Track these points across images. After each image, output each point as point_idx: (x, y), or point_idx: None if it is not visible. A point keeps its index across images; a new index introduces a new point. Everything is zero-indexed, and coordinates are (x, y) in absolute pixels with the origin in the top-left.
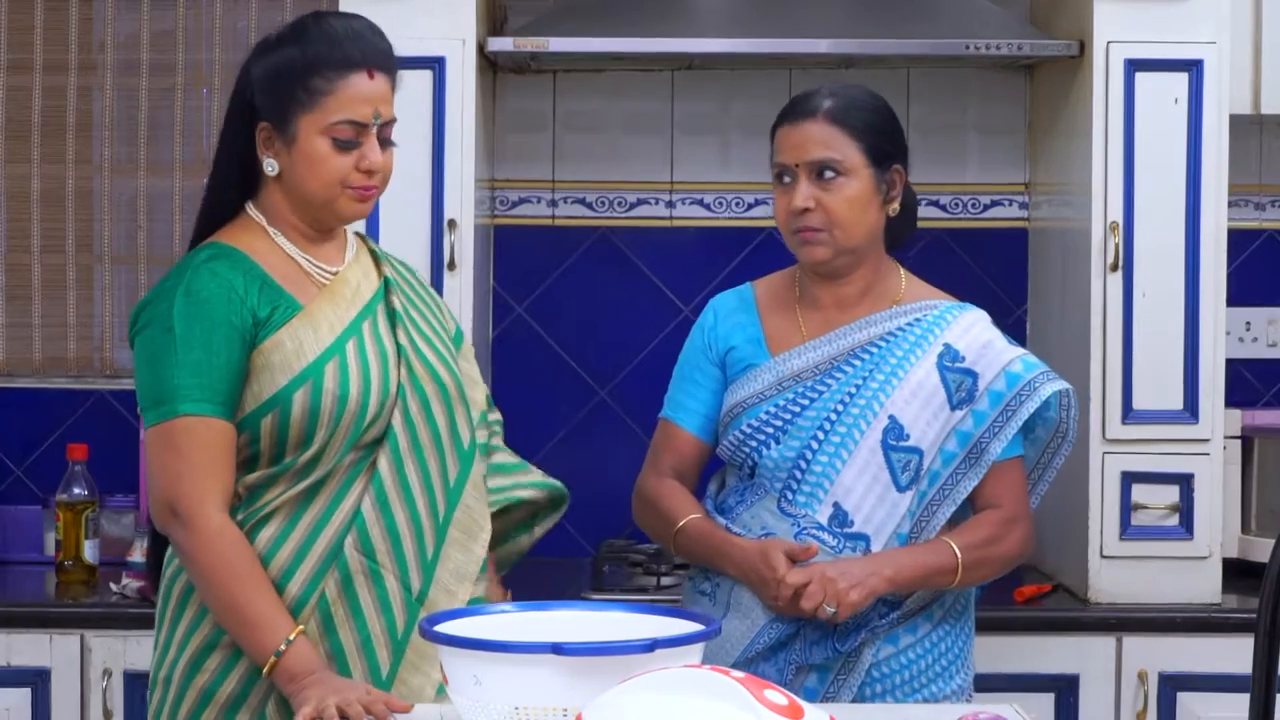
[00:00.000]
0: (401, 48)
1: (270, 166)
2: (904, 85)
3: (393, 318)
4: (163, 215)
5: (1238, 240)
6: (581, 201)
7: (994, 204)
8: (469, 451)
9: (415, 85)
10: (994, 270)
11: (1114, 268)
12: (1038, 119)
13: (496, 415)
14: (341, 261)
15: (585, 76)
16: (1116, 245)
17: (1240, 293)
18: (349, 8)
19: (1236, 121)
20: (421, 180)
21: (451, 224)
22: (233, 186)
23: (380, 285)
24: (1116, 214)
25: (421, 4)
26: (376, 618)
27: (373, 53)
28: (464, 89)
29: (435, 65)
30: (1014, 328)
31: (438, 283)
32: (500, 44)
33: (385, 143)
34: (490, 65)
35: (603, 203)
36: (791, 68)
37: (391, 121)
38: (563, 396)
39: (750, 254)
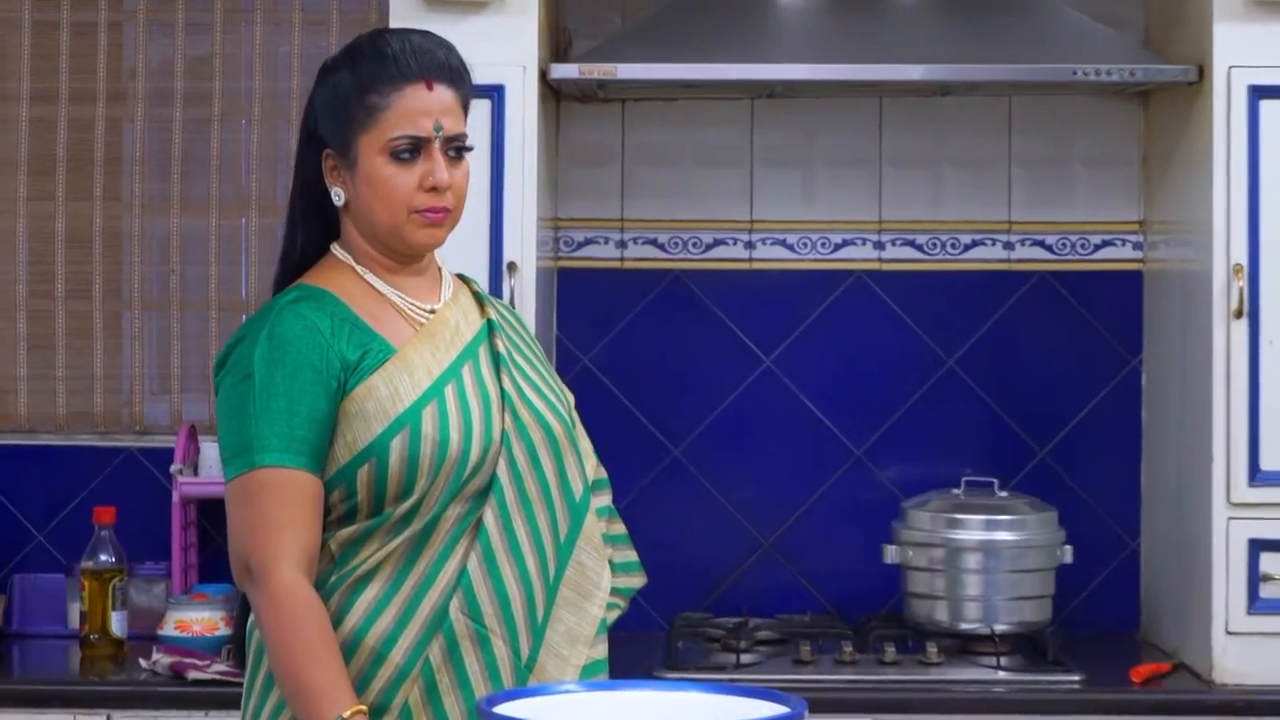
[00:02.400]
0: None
1: (337, 196)
2: (1005, 115)
3: (496, 361)
4: (197, 258)
5: None
6: (653, 242)
7: (1105, 244)
8: (581, 504)
9: (472, 116)
10: (1105, 317)
11: (1238, 314)
12: (1153, 151)
13: (604, 473)
14: (438, 300)
15: (657, 105)
16: (1240, 289)
17: None
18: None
19: None
20: (479, 219)
21: (511, 267)
22: (310, 225)
23: (483, 327)
24: (1240, 255)
25: (478, 27)
26: (484, 685)
27: (431, 64)
28: (525, 120)
29: (494, 94)
30: (1128, 380)
31: None
32: (564, 71)
33: (456, 159)
34: (553, 94)
35: (676, 243)
36: (882, 95)
37: (460, 136)
38: (633, 455)
39: (839, 299)
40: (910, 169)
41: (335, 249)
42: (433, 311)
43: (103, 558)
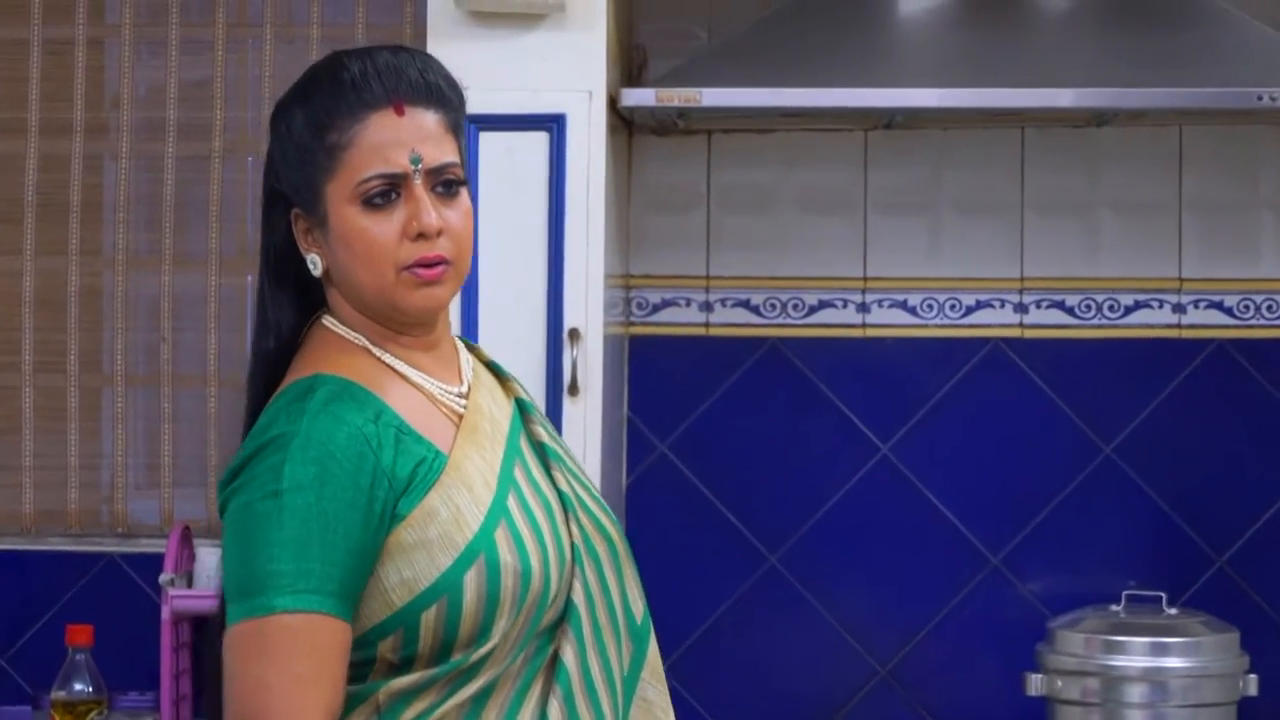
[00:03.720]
0: (506, 103)
1: (312, 264)
2: (1175, 148)
3: (543, 455)
4: (193, 323)
5: None
6: (745, 304)
7: None
8: (644, 628)
9: (527, 151)
10: None
11: None
12: None
13: None
14: (459, 379)
15: (749, 139)
16: None
17: None
18: (437, 53)
19: None
20: (534, 276)
21: (573, 334)
22: (282, 300)
23: (515, 412)
24: None
25: (534, 45)
26: None
27: (400, 84)
28: (590, 156)
29: (553, 125)
30: None
31: (555, 412)
32: (638, 97)
33: (447, 196)
34: (625, 124)
35: (773, 305)
36: (1024, 126)
37: (447, 166)
38: (720, 562)
39: (971, 373)
40: (1059, 215)
41: (329, 322)
42: (463, 396)
43: (78, 686)
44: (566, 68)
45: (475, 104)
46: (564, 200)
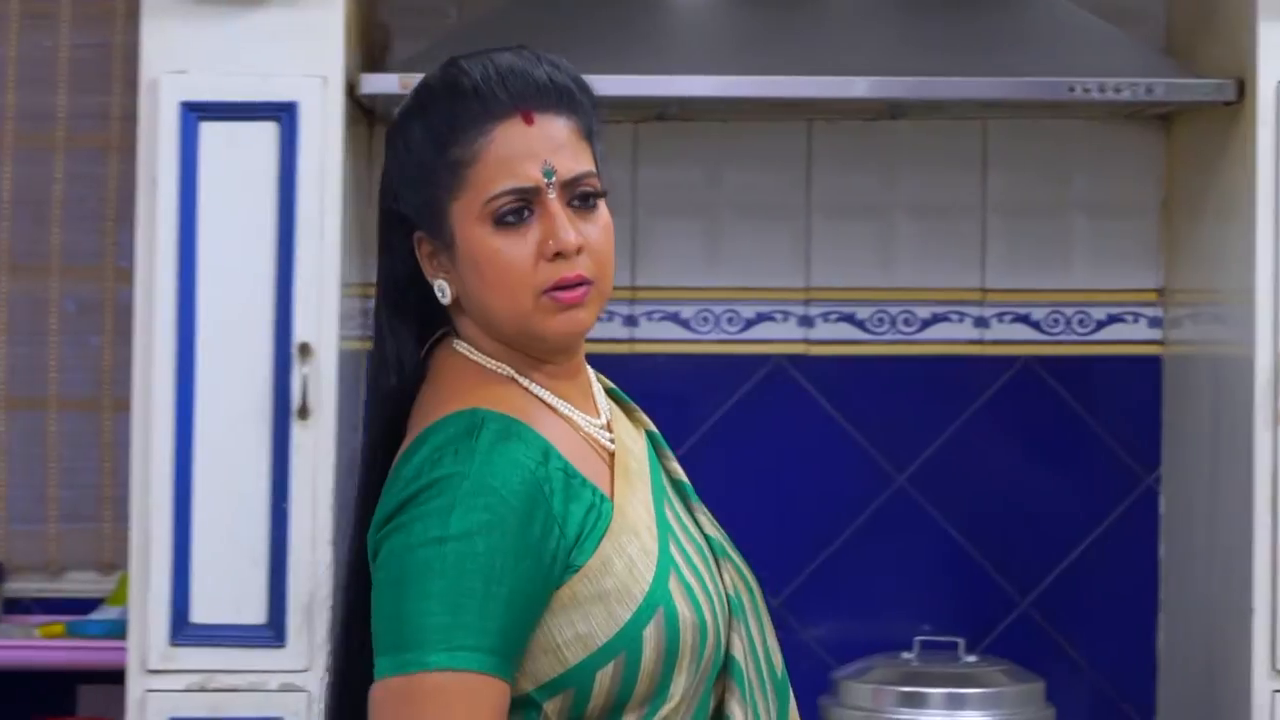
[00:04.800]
0: (231, 89)
1: (440, 291)
2: (979, 144)
3: (682, 494)
4: None
5: None
6: None
7: (1112, 320)
8: (784, 681)
9: (253, 143)
10: (1112, 418)
11: None
12: (1177, 194)
13: None
14: (595, 410)
15: None
16: None
17: None
18: (153, 33)
19: None
20: (261, 284)
21: (304, 349)
22: (401, 331)
23: (647, 445)
24: None
25: (260, 25)
26: None
27: (527, 88)
28: (325, 149)
29: (283, 114)
30: (1141, 503)
31: (281, 437)
32: (379, 83)
33: (585, 209)
34: (365, 114)
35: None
36: (812, 118)
37: (584, 176)
38: None
39: (750, 394)
40: (849, 219)
41: (463, 349)
42: (606, 429)
43: None
44: (298, 50)
45: (195, 90)
46: (295, 199)
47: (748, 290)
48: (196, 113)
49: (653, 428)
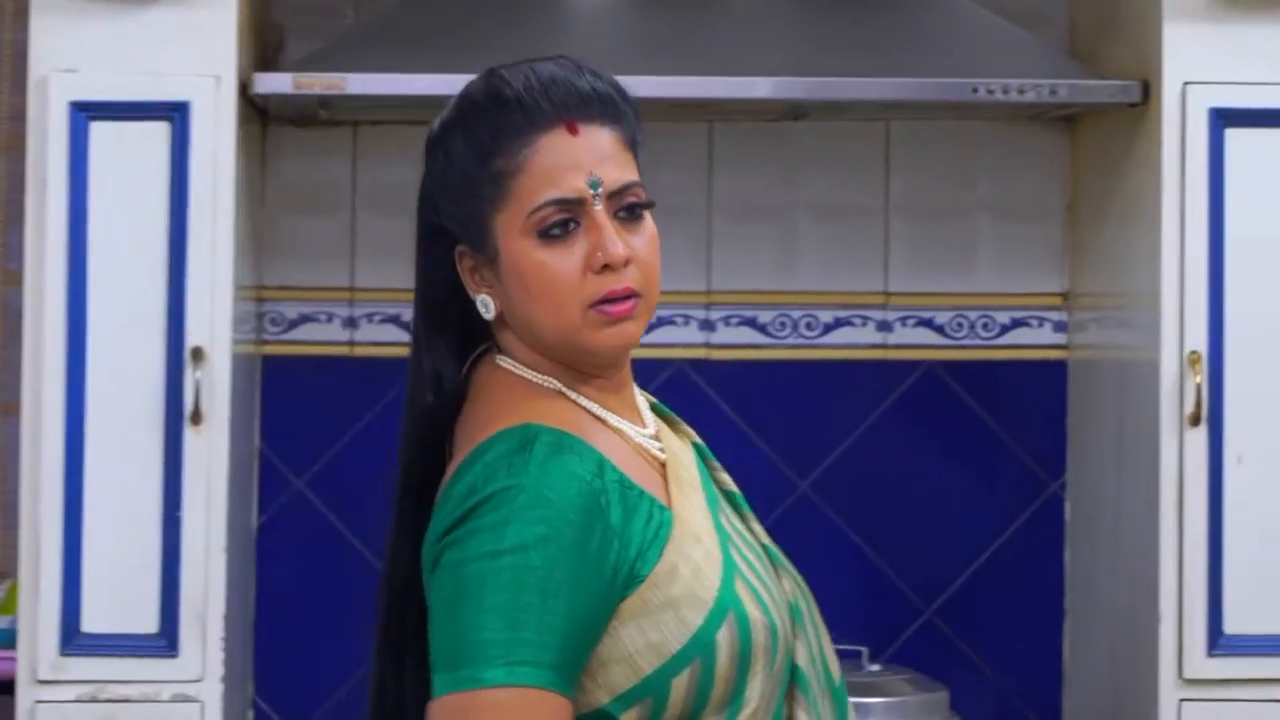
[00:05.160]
0: (121, 88)
1: (484, 305)
2: (881, 145)
3: (733, 504)
4: None
5: None
6: (394, 320)
7: (1016, 324)
8: (841, 689)
9: (144, 143)
10: (1016, 423)
11: (1194, 420)
12: (1081, 197)
13: None
14: (643, 421)
15: (401, 131)
16: (1199, 386)
17: None
18: (41, 31)
19: None
20: (152, 287)
21: (197, 354)
22: (439, 348)
23: (695, 456)
24: (1198, 340)
25: (150, 23)
26: None
27: (571, 97)
28: (218, 150)
29: (174, 114)
30: (1046, 510)
31: (174, 443)
32: (273, 82)
33: (631, 220)
34: (259, 114)
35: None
36: (713, 119)
37: (629, 187)
38: (364, 614)
39: (655, 394)
40: (751, 221)
41: (507, 364)
42: (656, 440)
43: None
44: (190, 49)
45: (86, 90)
46: (186, 200)
47: (675, 294)
48: (86, 112)
49: (698, 440)
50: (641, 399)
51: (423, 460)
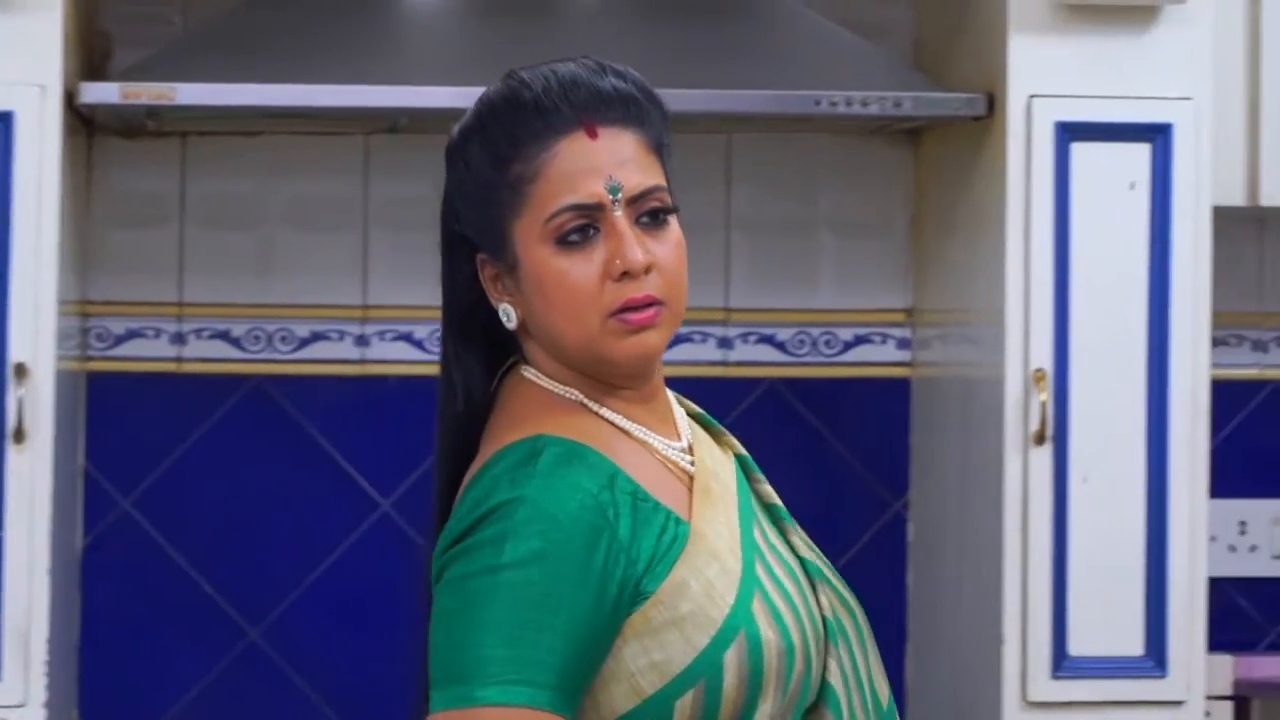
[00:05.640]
0: None
1: (505, 315)
2: (722, 159)
3: (775, 517)
4: None
5: (1228, 396)
6: (224, 336)
7: (859, 341)
8: (890, 712)
9: None
10: (858, 442)
11: (1039, 439)
12: (926, 212)
13: None
14: (676, 433)
15: (231, 142)
16: (1044, 404)
17: (1232, 476)
18: None
19: (1225, 218)
20: None
21: (19, 370)
22: (468, 360)
23: (736, 468)
24: (1043, 358)
25: None
26: None
27: (591, 99)
28: (42, 161)
29: None
30: (890, 527)
31: None
32: (99, 92)
33: (654, 226)
34: (84, 125)
35: (257, 337)
36: None
37: (652, 191)
38: (192, 638)
39: None
40: None
41: (531, 375)
42: (687, 452)
43: None
44: (14, 57)
45: None
46: (9, 212)
47: None
48: None
49: (742, 451)
50: (680, 411)
51: (453, 473)
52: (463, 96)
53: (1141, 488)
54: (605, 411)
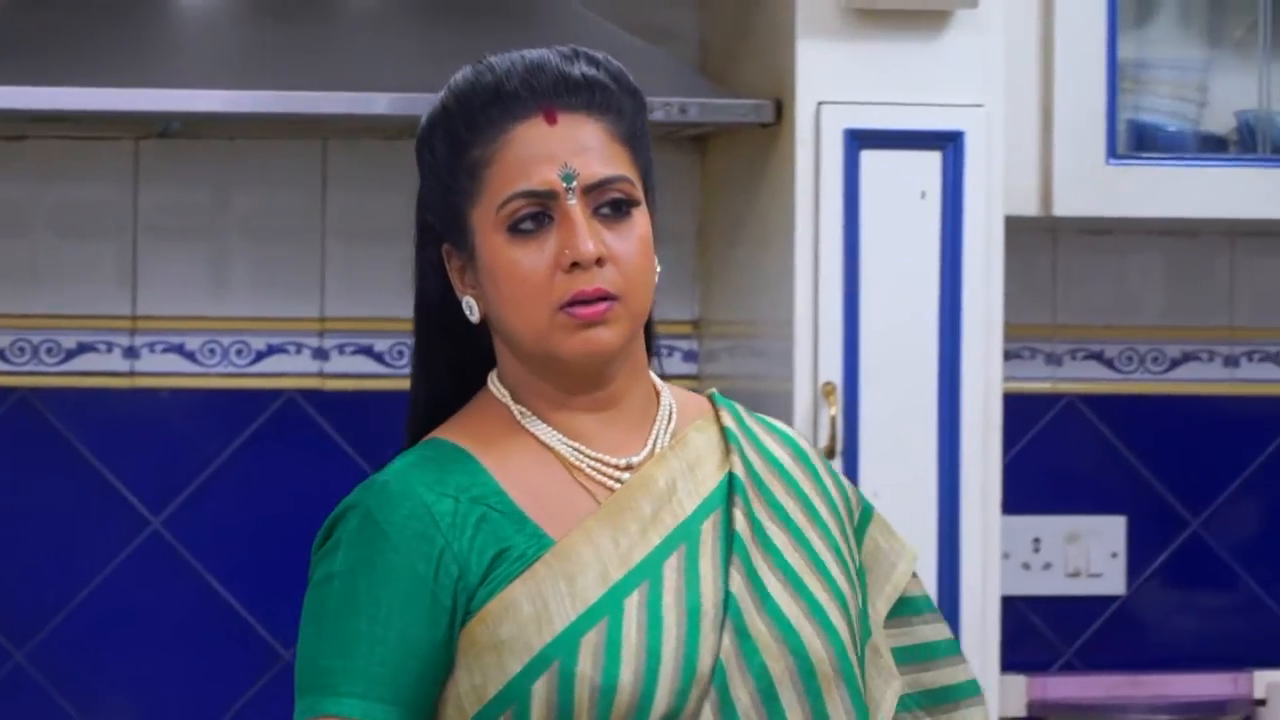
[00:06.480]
0: None
1: (468, 308)
2: None
3: (730, 544)
4: None
5: (1021, 410)
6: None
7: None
8: None
9: None
10: None
11: (830, 453)
12: (713, 221)
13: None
14: (642, 447)
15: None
16: (833, 418)
17: (1024, 492)
18: None
19: (1018, 228)
20: None
21: None
22: (438, 359)
23: (718, 489)
24: (832, 370)
25: None
26: None
27: (549, 84)
28: None
29: None
30: None
31: None
32: None
33: (614, 218)
34: None
35: (21, 349)
36: (328, 137)
37: (610, 181)
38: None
39: (262, 431)
40: (364, 244)
41: (492, 382)
42: (630, 469)
43: None
44: None
45: None
46: None
47: (259, 320)
48: None
49: (742, 470)
50: (667, 421)
51: None
52: (235, 100)
53: (933, 504)
54: (529, 422)
